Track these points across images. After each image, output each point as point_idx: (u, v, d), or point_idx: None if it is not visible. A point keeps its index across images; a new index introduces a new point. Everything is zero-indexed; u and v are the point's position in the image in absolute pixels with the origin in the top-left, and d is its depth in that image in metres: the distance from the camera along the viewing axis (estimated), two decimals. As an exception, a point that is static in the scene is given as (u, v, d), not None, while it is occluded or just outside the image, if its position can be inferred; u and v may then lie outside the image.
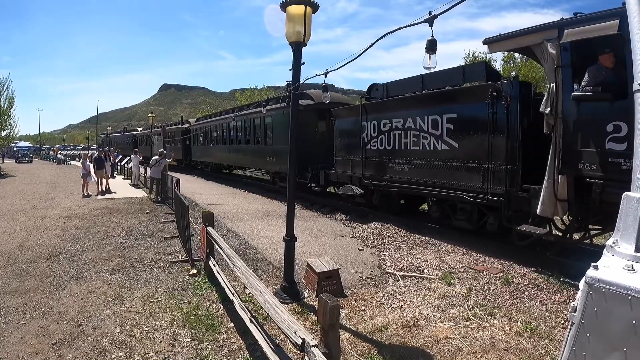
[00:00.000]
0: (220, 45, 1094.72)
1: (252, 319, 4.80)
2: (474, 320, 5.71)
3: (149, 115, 34.59)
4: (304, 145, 15.10)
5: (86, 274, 7.63)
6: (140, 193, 19.53)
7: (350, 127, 13.45)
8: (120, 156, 35.39)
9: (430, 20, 3.97)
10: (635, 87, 2.07)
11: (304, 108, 15.81)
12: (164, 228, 11.61)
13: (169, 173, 17.40)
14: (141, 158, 25.95)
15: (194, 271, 7.64)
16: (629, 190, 2.17)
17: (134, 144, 44.87)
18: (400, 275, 7.61)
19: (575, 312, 2.13)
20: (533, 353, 4.82)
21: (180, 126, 35.68)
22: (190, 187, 20.58)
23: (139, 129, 43.48)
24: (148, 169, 19.15)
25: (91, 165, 20.01)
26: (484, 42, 8.03)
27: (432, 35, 4.08)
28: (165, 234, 10.85)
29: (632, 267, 2.00)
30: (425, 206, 13.03)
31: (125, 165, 29.59)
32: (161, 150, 20.41)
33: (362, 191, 12.83)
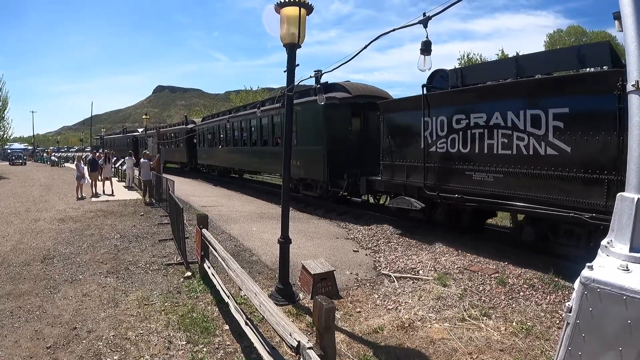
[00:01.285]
0: (214, 47, 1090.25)
1: (248, 322, 4.79)
2: (469, 320, 5.72)
3: (144, 117, 33.34)
4: (337, 147, 14.01)
5: (80, 276, 7.58)
6: (135, 195, 19.45)
7: (406, 124, 10.93)
8: (115, 158, 34.99)
9: (424, 22, 3.99)
10: (629, 88, 2.08)
11: (339, 102, 13.95)
12: (158, 230, 11.56)
13: (166, 175, 17.36)
14: (135, 160, 25.65)
15: (189, 274, 7.61)
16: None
17: (135, 146, 41.23)
18: (395, 277, 7.62)
19: (570, 312, 2.14)
20: (529, 353, 4.84)
21: (184, 126, 33.05)
22: (185, 189, 20.51)
23: (140, 130, 42.44)
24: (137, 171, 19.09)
25: (85, 168, 19.93)
26: (615, 17, 7.09)
27: (427, 37, 4.09)
28: (160, 236, 10.81)
29: (627, 267, 2.01)
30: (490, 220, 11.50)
31: (120, 167, 29.43)
32: (145, 151, 20.35)
33: (423, 205, 10.23)
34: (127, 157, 24.17)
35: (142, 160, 18.31)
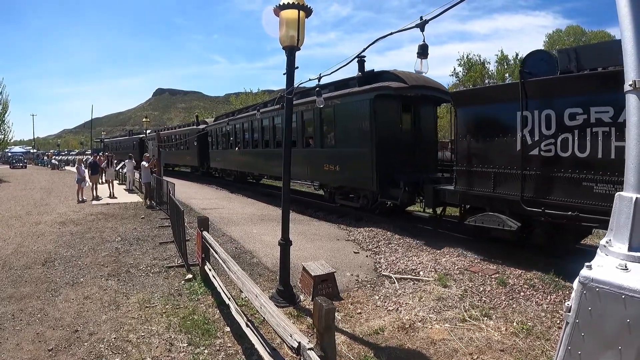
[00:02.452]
0: (213, 50, 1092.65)
1: (248, 323, 4.79)
2: (470, 321, 5.72)
3: (144, 119, 33.37)
4: (388, 149, 11.83)
5: (82, 279, 7.59)
6: (135, 198, 19.45)
7: (493, 119, 8.72)
8: (115, 161, 34.80)
9: (421, 25, 4.01)
10: (626, 87, 2.10)
11: (394, 92, 11.48)
12: (159, 233, 11.56)
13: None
14: (135, 163, 25.58)
15: (190, 276, 7.62)
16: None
17: (141, 149, 38.68)
18: (396, 278, 7.62)
19: (569, 311, 2.15)
20: (529, 353, 4.85)
21: (194, 127, 30.48)
22: (186, 191, 20.53)
23: (148, 131, 41.23)
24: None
25: (86, 171, 19.94)
26: None
27: (424, 40, 4.11)
28: (161, 239, 10.81)
29: (626, 266, 2.01)
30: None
31: (120, 170, 29.44)
32: (145, 154, 20.47)
33: (519, 224, 8.08)
34: (127, 160, 24.20)
35: (142, 162, 18.39)
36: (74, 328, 5.55)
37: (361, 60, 12.59)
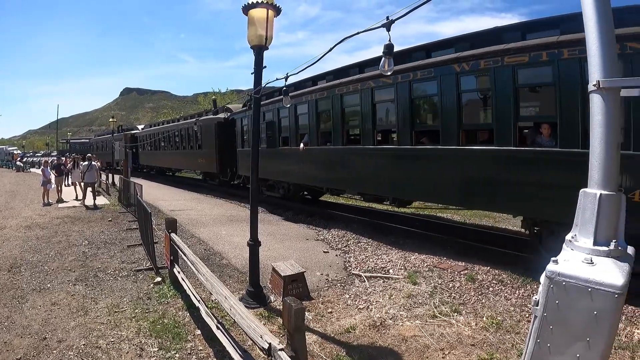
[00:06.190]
0: (182, 49, 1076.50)
1: (219, 326, 4.72)
2: (440, 317, 5.81)
3: (110, 120, 30.94)
4: None
5: (49, 285, 7.34)
6: (102, 200, 18.91)
7: None
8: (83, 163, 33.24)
9: (387, 25, 4.02)
10: (590, 87, 2.17)
11: None
12: (127, 236, 11.27)
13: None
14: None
15: (159, 279, 7.46)
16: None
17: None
18: (365, 276, 7.67)
19: (537, 305, 2.20)
20: (500, 347, 4.96)
21: (213, 116, 21.72)
22: (154, 193, 20.11)
23: (140, 127, 37.62)
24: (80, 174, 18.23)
25: (52, 172, 19.35)
26: None
27: (389, 40, 4.13)
28: (129, 241, 10.54)
29: (591, 260, 2.08)
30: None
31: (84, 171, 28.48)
32: (88, 154, 19.77)
33: None
34: (92, 162, 23.56)
35: (87, 163, 17.92)
36: (42, 335, 5.35)
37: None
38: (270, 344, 3.13)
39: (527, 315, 5.68)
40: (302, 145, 13.05)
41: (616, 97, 2.14)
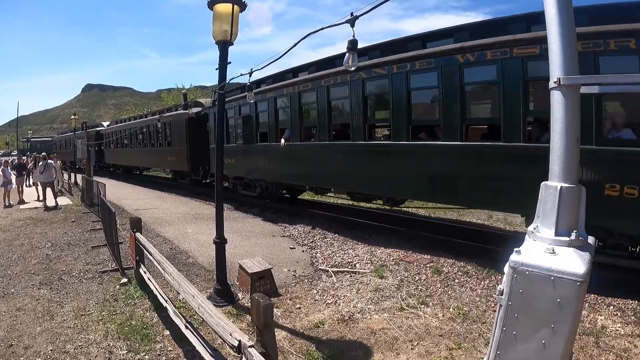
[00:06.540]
0: (144, 44, 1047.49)
1: (188, 325, 4.66)
2: (407, 310, 5.92)
3: (72, 117, 29.93)
4: None
5: (12, 290, 7.05)
6: (65, 201, 18.24)
7: None
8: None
9: (351, 21, 4.06)
10: (550, 84, 2.25)
11: None
12: (91, 237, 10.93)
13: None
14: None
15: (125, 280, 7.28)
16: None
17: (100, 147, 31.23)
18: (332, 272, 7.72)
19: (502, 295, 2.27)
20: (467, 337, 5.10)
21: (182, 111, 20.32)
22: (118, 192, 19.54)
23: (105, 123, 34.21)
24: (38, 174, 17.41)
25: (12, 173, 18.56)
26: None
27: (354, 36, 4.16)
28: (93, 242, 10.23)
29: (553, 250, 2.17)
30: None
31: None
32: (43, 154, 18.97)
33: None
34: (52, 161, 22.73)
35: (45, 162, 17.24)
36: (8, 342, 5.15)
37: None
38: (240, 341, 3.11)
39: (492, 305, 5.86)
40: (282, 141, 12.37)
41: (576, 94, 2.23)
